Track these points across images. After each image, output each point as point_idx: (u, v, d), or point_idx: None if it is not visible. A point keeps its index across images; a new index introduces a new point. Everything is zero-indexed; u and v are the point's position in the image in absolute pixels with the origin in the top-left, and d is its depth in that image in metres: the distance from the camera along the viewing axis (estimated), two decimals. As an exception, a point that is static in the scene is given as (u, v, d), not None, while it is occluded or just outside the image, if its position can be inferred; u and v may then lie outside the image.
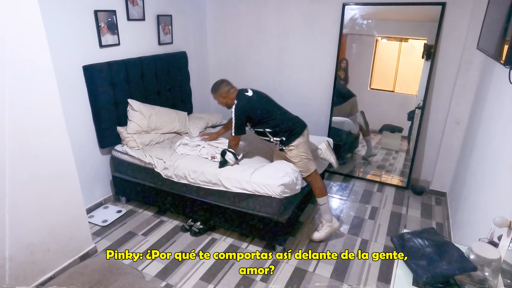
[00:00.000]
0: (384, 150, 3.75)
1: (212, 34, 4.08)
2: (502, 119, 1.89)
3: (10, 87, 1.73)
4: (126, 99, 2.97)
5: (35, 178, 1.94)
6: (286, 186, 2.34)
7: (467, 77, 2.98)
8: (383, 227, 2.90)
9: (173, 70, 3.48)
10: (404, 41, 3.45)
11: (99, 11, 2.67)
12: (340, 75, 3.58)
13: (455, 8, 2.92)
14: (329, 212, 2.66)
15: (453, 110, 3.12)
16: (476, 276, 1.16)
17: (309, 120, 3.87)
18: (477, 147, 2.41)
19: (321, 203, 2.63)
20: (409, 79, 3.45)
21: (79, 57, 2.62)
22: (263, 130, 2.56)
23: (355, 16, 3.33)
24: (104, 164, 3.06)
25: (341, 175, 3.82)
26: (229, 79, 4.18)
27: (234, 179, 2.46)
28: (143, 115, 3.00)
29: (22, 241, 1.94)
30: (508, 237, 1.17)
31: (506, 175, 1.60)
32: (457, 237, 2.46)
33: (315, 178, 2.61)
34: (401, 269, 1.27)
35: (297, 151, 2.52)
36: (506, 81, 1.65)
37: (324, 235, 2.65)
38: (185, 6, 3.66)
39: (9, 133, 1.76)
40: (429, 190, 3.47)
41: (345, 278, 2.32)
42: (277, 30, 3.71)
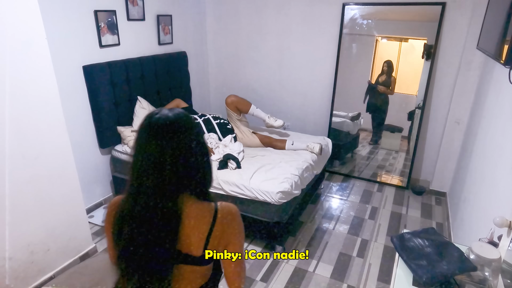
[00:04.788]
0: (384, 150, 3.75)
1: (212, 34, 4.08)
2: (502, 119, 1.89)
3: (10, 87, 1.73)
4: (126, 99, 2.97)
5: (35, 178, 1.94)
6: (285, 193, 2.34)
7: (467, 77, 2.98)
8: (383, 227, 2.90)
9: (173, 70, 3.48)
10: (404, 41, 3.45)
11: (99, 11, 2.67)
12: (380, 79, 3.50)
13: (455, 8, 2.93)
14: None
15: (453, 110, 3.12)
16: (476, 276, 1.16)
17: (309, 120, 3.90)
18: (477, 147, 2.41)
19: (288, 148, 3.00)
20: (409, 79, 3.45)
21: (79, 57, 2.61)
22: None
23: (355, 16, 3.33)
24: (104, 164, 3.06)
25: (341, 175, 3.82)
26: (229, 79, 4.23)
27: (233, 183, 2.46)
28: None
29: (22, 241, 1.94)
30: (508, 237, 1.17)
31: (506, 175, 1.60)
32: (457, 237, 2.46)
33: None
34: (401, 269, 1.27)
35: None
36: (506, 81, 1.65)
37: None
38: (185, 6, 3.65)
39: (9, 133, 1.76)
40: (429, 190, 3.47)
41: (345, 278, 2.32)
42: (277, 30, 3.71)
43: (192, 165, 0.89)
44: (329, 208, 3.17)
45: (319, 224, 2.91)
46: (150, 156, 0.85)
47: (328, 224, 2.91)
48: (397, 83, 3.53)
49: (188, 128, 0.89)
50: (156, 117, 0.88)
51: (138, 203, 0.86)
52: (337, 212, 3.11)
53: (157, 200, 0.85)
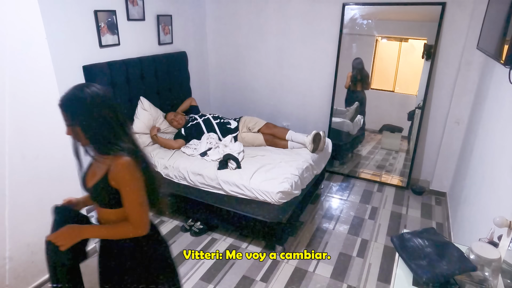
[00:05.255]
0: (384, 150, 3.75)
1: (212, 34, 4.08)
2: (502, 119, 1.89)
3: (10, 87, 1.73)
4: (126, 99, 2.97)
5: (35, 178, 1.94)
6: (285, 193, 2.34)
7: (467, 77, 2.98)
8: (383, 227, 2.90)
9: (173, 70, 3.48)
10: (404, 41, 3.46)
11: (99, 11, 2.66)
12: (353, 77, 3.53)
13: (455, 8, 2.93)
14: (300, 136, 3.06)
15: (453, 110, 3.12)
16: (476, 276, 1.16)
17: (309, 120, 3.90)
18: (477, 147, 2.41)
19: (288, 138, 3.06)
20: (409, 79, 3.45)
21: (79, 57, 2.61)
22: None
23: (355, 16, 3.33)
24: (104, 164, 3.06)
25: (341, 175, 3.82)
26: (229, 79, 4.23)
27: (233, 183, 2.46)
28: (151, 116, 3.05)
29: (22, 241, 1.94)
30: (508, 237, 1.17)
31: (506, 175, 1.60)
32: (457, 237, 2.46)
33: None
34: (401, 269, 1.27)
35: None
36: (506, 81, 1.65)
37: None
38: (185, 6, 3.65)
39: (9, 133, 1.76)
40: (429, 190, 3.47)
41: (345, 278, 2.32)
42: (277, 30, 3.71)
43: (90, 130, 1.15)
44: (329, 208, 3.17)
45: (319, 224, 2.91)
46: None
47: (328, 224, 2.91)
48: (397, 83, 3.53)
49: (87, 103, 1.11)
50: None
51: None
52: (337, 212, 3.11)
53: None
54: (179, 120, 3.20)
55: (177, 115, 3.24)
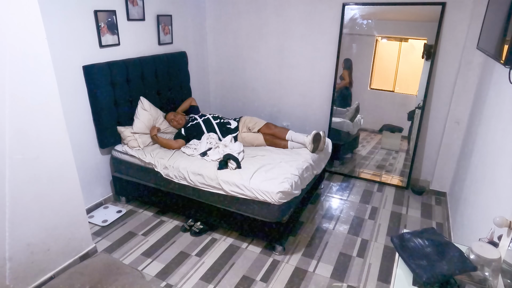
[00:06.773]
0: (384, 150, 3.75)
1: (212, 34, 4.08)
2: (502, 119, 1.89)
3: (10, 87, 1.73)
4: (126, 99, 2.97)
5: (35, 178, 1.94)
6: (285, 193, 2.34)
7: (467, 77, 2.98)
8: (383, 227, 2.90)
9: (173, 70, 3.48)
10: (404, 41, 3.45)
11: (99, 11, 2.67)
12: (343, 75, 3.56)
13: (455, 8, 2.93)
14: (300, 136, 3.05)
15: (453, 110, 3.12)
16: (476, 276, 1.16)
17: (309, 120, 3.90)
18: (477, 147, 2.41)
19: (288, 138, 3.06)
20: (409, 79, 3.45)
21: (79, 57, 2.61)
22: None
23: (355, 16, 3.33)
24: (104, 164, 3.06)
25: (341, 175, 3.82)
26: (229, 79, 4.23)
27: (233, 183, 2.46)
28: (151, 116, 3.05)
29: (22, 241, 1.94)
30: (508, 237, 1.17)
31: (506, 175, 1.60)
32: (457, 237, 2.46)
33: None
34: (401, 269, 1.27)
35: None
36: (506, 81, 1.66)
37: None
38: (185, 6, 3.66)
39: (9, 133, 1.76)
40: (429, 190, 3.47)
41: (345, 278, 2.32)
42: (277, 30, 3.71)
43: None
44: (329, 208, 3.17)
45: (319, 224, 2.91)
46: None
47: (328, 224, 2.91)
48: (397, 83, 3.53)
49: None
50: None
51: None
52: (337, 212, 3.11)
53: None
54: (179, 120, 3.21)
55: (177, 115, 3.24)
